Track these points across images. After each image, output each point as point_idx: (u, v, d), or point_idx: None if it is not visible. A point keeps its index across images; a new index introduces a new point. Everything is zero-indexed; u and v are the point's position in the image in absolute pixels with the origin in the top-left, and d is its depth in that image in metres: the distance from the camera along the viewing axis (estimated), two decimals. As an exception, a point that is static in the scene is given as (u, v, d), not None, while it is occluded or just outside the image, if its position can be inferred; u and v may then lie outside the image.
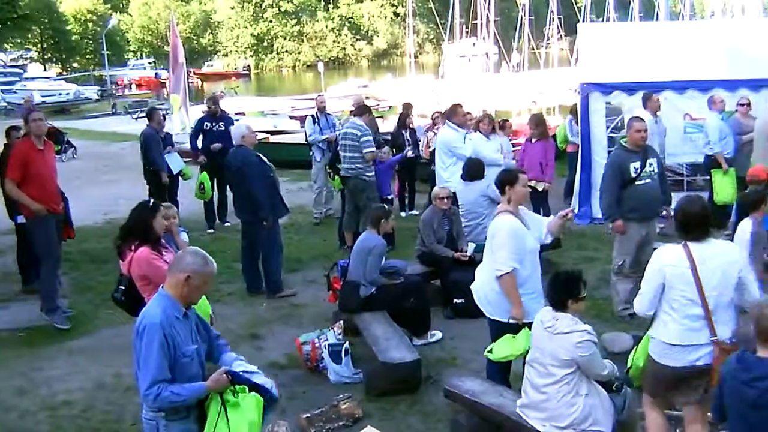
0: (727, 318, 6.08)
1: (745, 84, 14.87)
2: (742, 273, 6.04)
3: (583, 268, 10.62)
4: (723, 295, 6.01)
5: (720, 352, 5.97)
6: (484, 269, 7.65)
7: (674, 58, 15.25)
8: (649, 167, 9.75)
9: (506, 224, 7.35)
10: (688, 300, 6.05)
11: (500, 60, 55.81)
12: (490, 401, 7.04)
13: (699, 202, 6.37)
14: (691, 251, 6.06)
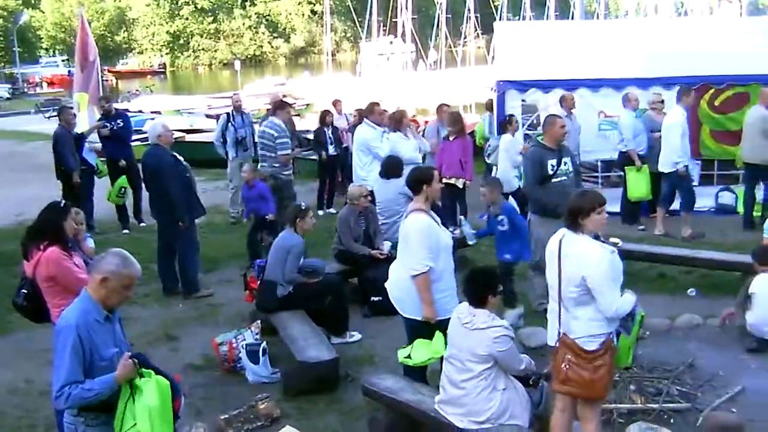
0: (584, 317, 6.11)
1: (658, 82, 15.16)
2: (589, 282, 5.99)
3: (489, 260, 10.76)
4: (570, 292, 6.10)
5: (561, 344, 6.15)
6: (398, 267, 7.68)
7: (589, 57, 15.50)
8: (564, 165, 9.86)
9: (420, 223, 7.38)
10: (552, 283, 6.28)
11: (417, 58, 56.08)
12: (408, 398, 7.06)
13: (576, 195, 6.54)
14: (563, 242, 6.22)
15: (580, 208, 6.20)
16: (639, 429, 7.06)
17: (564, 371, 6.14)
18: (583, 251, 6.10)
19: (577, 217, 6.18)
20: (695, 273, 11.74)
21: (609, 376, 6.32)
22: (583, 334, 6.12)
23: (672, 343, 9.50)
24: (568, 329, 6.17)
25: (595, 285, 5.99)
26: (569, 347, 6.12)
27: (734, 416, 7.61)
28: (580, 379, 6.11)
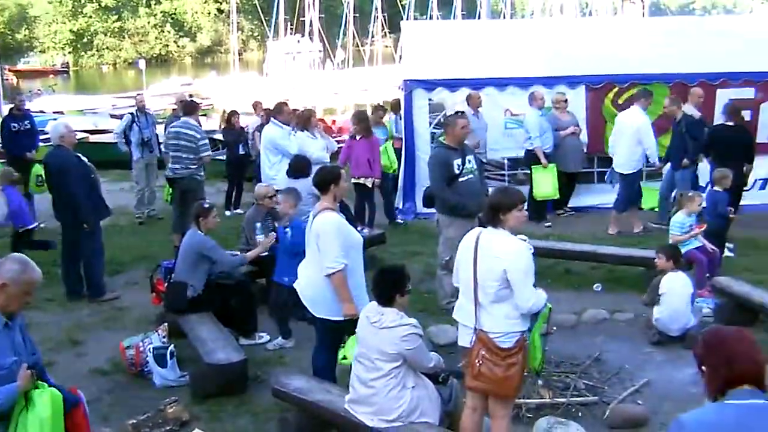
0: (500, 314, 6.19)
1: (563, 81, 15.40)
2: (509, 275, 6.09)
3: (408, 262, 10.80)
4: (488, 288, 6.16)
5: (477, 340, 6.19)
6: (308, 267, 7.62)
7: (495, 56, 15.67)
8: (468, 164, 9.90)
9: (331, 221, 7.34)
10: (466, 282, 6.31)
11: (325, 57, 56.01)
12: (317, 398, 7.02)
13: (499, 192, 6.64)
14: (480, 238, 6.27)
15: (501, 204, 6.28)
16: (547, 423, 7.12)
17: (477, 367, 6.17)
18: (503, 245, 6.19)
19: (498, 213, 6.26)
20: (600, 269, 11.94)
21: (521, 375, 6.38)
22: (499, 331, 6.18)
23: (579, 338, 9.65)
24: (485, 325, 6.21)
25: (514, 278, 6.09)
26: (485, 343, 6.17)
27: (640, 408, 7.76)
28: (492, 376, 6.16)
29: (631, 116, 13.93)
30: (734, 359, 3.58)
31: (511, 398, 6.54)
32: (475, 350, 6.21)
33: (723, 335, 3.74)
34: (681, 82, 15.19)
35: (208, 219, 9.62)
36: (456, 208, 9.95)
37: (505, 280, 6.10)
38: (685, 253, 10.74)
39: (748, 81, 15.06)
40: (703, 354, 3.68)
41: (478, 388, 6.31)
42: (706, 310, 10.15)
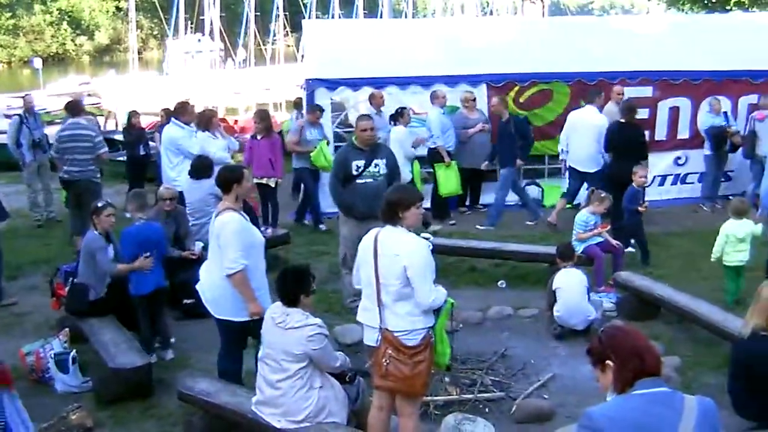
0: (404, 312, 6.21)
1: (465, 80, 15.49)
2: (410, 271, 6.11)
3: (313, 262, 10.77)
4: (390, 286, 6.18)
5: (383, 340, 6.19)
6: (210, 269, 7.52)
7: (397, 55, 15.69)
8: (374, 167, 9.85)
9: (232, 222, 7.26)
10: (368, 282, 6.30)
11: (226, 56, 55.48)
12: (224, 400, 6.96)
13: (393, 191, 6.62)
14: (379, 237, 6.27)
15: (399, 202, 6.28)
16: (455, 420, 7.15)
17: (385, 366, 6.17)
18: (403, 242, 6.21)
19: (396, 211, 6.25)
20: (505, 265, 12.06)
21: (428, 372, 6.42)
22: (404, 329, 6.19)
23: (484, 335, 9.74)
24: (390, 324, 6.20)
25: (414, 274, 6.09)
26: (390, 342, 6.17)
27: (546, 402, 7.88)
28: (400, 375, 6.17)
29: (590, 116, 14.08)
30: (643, 352, 3.69)
31: (419, 396, 6.56)
32: (381, 350, 6.20)
33: (626, 330, 3.87)
34: (580, 80, 15.46)
35: (101, 218, 9.33)
36: (344, 207, 10.07)
37: (406, 278, 6.11)
38: (585, 249, 10.93)
39: (645, 80, 15.38)
40: (609, 349, 3.75)
41: (387, 387, 6.30)
42: (609, 304, 10.34)
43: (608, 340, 3.78)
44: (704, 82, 15.71)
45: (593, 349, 3.85)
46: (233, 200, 7.45)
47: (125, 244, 8.91)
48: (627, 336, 3.77)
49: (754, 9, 29.27)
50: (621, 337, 3.77)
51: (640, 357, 3.66)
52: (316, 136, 14.36)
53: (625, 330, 3.86)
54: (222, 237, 7.23)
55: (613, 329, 3.90)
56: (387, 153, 10.24)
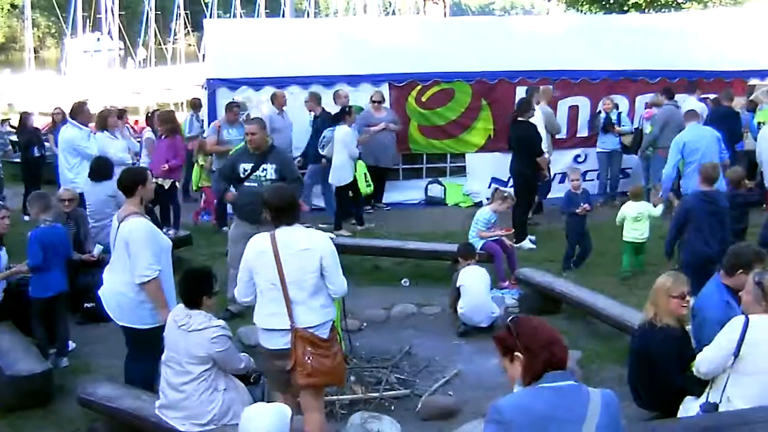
0: (317, 305, 6.25)
1: (367, 79, 15.53)
2: (325, 261, 6.19)
3: (215, 264, 10.63)
4: (305, 281, 6.18)
5: (297, 339, 6.16)
6: (114, 274, 7.33)
7: (300, 55, 15.62)
8: (261, 171, 9.72)
9: (142, 227, 7.12)
10: (271, 285, 6.21)
11: (126, 56, 54.67)
12: (127, 405, 6.83)
13: (285, 191, 6.64)
14: (277, 238, 6.23)
15: (280, 203, 6.33)
16: (361, 418, 7.16)
17: (309, 364, 6.14)
18: (310, 237, 6.29)
19: (286, 212, 6.28)
20: (407, 263, 12.12)
21: (343, 361, 6.54)
22: (319, 322, 6.22)
23: (389, 333, 9.77)
24: (303, 321, 6.17)
25: (329, 264, 6.19)
26: (307, 340, 6.15)
27: (451, 399, 7.94)
28: (324, 368, 6.19)
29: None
30: (552, 343, 3.74)
31: (323, 390, 6.64)
32: (299, 350, 6.14)
33: (535, 322, 3.91)
34: (482, 79, 15.65)
35: None
36: (235, 208, 10.26)
37: (320, 269, 6.16)
38: (484, 246, 11.07)
39: (545, 79, 15.59)
40: (519, 340, 3.77)
41: (314, 384, 6.28)
42: (511, 301, 10.49)
43: (518, 330, 3.79)
44: (602, 82, 16.05)
45: (502, 340, 3.86)
46: (137, 203, 7.31)
47: (32, 247, 8.66)
48: (537, 328, 3.80)
49: (650, 11, 29.91)
50: (531, 329, 3.79)
51: (549, 349, 3.70)
52: (235, 135, 13.80)
53: (534, 322, 3.89)
54: (133, 244, 7.06)
55: (522, 321, 3.92)
56: (280, 159, 10.02)
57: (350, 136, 13.96)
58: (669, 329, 6.56)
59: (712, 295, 6.86)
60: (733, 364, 5.77)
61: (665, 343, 6.54)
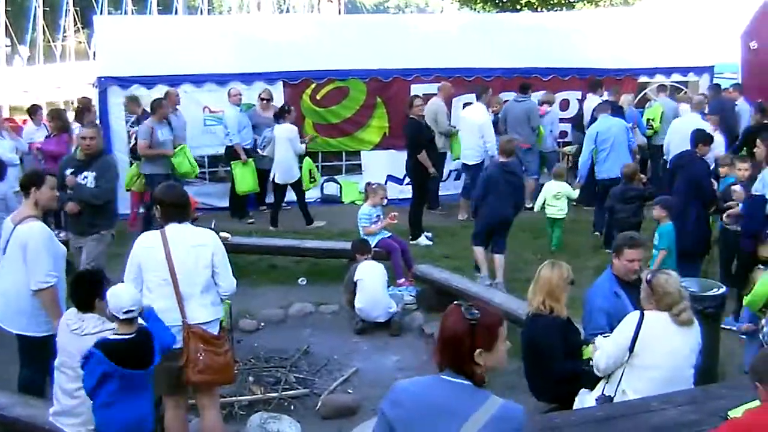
0: (208, 301, 6.29)
1: (261, 77, 15.43)
2: (216, 258, 6.26)
3: (111, 265, 10.41)
4: (197, 276, 6.20)
5: (189, 335, 6.15)
6: (5, 279, 7.13)
7: (193, 52, 15.42)
8: (82, 179, 9.37)
9: (41, 233, 6.96)
10: (162, 281, 6.19)
11: (12, 53, 53.25)
12: (18, 413, 6.65)
13: (178, 189, 6.67)
14: (167, 235, 6.22)
15: (174, 200, 6.38)
16: (260, 419, 7.13)
17: (201, 361, 6.13)
18: (201, 234, 6.38)
19: (178, 209, 6.33)
20: (304, 262, 12.09)
21: (232, 357, 6.60)
22: (210, 318, 6.25)
23: (287, 332, 9.76)
24: (195, 317, 6.17)
25: (220, 261, 6.27)
26: (200, 336, 6.15)
27: (350, 397, 7.97)
28: (216, 366, 6.21)
29: (475, 113, 14.50)
30: (459, 342, 3.67)
31: (217, 388, 6.64)
32: (191, 346, 6.12)
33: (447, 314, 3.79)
34: (376, 77, 15.71)
35: None
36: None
37: (212, 266, 6.21)
38: (379, 243, 11.10)
39: (439, 77, 15.69)
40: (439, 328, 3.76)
41: (205, 381, 6.27)
42: (409, 297, 10.54)
43: (442, 320, 3.75)
44: (496, 79, 16.24)
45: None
46: (32, 206, 7.14)
47: None
48: (447, 320, 3.72)
49: (542, 10, 30.38)
50: (446, 320, 3.72)
51: (455, 345, 3.65)
52: (167, 136, 13.29)
53: (448, 314, 3.75)
54: (30, 250, 6.88)
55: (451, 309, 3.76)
56: (101, 168, 9.47)
57: (294, 133, 14.01)
58: (553, 318, 6.70)
59: (603, 285, 7.05)
60: (628, 358, 5.90)
61: (550, 331, 6.68)
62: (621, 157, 12.93)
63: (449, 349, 3.65)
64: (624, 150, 13.31)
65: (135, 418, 5.79)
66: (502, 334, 3.70)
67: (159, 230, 6.29)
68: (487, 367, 3.65)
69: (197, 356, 6.13)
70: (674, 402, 5.48)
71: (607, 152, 13.25)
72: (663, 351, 5.88)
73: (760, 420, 4.27)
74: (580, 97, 16.67)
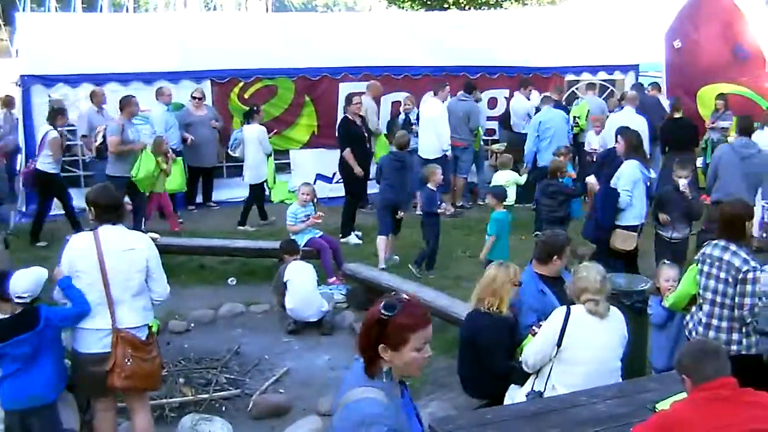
0: (140, 306, 6.22)
1: (188, 76, 15.29)
2: (150, 263, 6.20)
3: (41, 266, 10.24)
4: (129, 281, 6.12)
5: (118, 339, 6.07)
6: None
7: (119, 51, 15.22)
8: None
9: None
10: (93, 284, 6.09)
11: (-69, 51, 52.10)
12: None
13: (111, 191, 6.57)
14: (100, 237, 6.13)
15: (108, 202, 6.25)
16: (191, 421, 7.08)
17: (128, 367, 6.06)
18: (134, 237, 6.29)
19: (114, 210, 6.22)
20: (234, 262, 12.02)
21: (160, 364, 6.50)
22: (141, 323, 6.19)
23: (217, 333, 9.70)
24: (125, 322, 6.10)
25: (155, 265, 6.21)
26: (129, 341, 6.08)
27: (282, 397, 7.96)
28: (142, 372, 6.15)
29: (430, 108, 14.71)
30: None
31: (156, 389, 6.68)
32: (119, 350, 6.05)
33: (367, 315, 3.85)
34: (304, 76, 15.67)
35: None
36: None
37: (145, 271, 6.14)
38: (309, 242, 11.08)
39: (367, 75, 15.73)
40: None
41: (131, 387, 6.21)
42: (339, 296, 10.54)
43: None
44: (424, 78, 16.31)
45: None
46: None
47: None
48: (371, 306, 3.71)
49: (470, 8, 30.56)
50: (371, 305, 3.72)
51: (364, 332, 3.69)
52: (135, 134, 13.05)
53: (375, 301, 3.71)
54: None
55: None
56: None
57: (263, 134, 14.06)
58: (499, 317, 6.77)
59: (529, 285, 7.16)
60: (556, 354, 5.98)
61: (495, 330, 6.76)
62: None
63: (361, 333, 3.70)
64: (564, 140, 14.33)
65: (34, 389, 5.99)
66: (413, 340, 3.58)
67: (92, 232, 6.18)
68: (394, 365, 3.61)
69: (124, 361, 6.06)
70: (603, 396, 5.57)
71: (549, 141, 14.26)
72: (590, 345, 5.98)
73: (688, 412, 4.35)
74: (508, 95, 16.83)
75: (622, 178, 9.99)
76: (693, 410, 4.34)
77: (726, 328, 6.49)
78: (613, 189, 10.04)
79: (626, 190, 9.92)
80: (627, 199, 9.92)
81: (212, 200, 15.76)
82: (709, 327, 6.55)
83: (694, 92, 16.36)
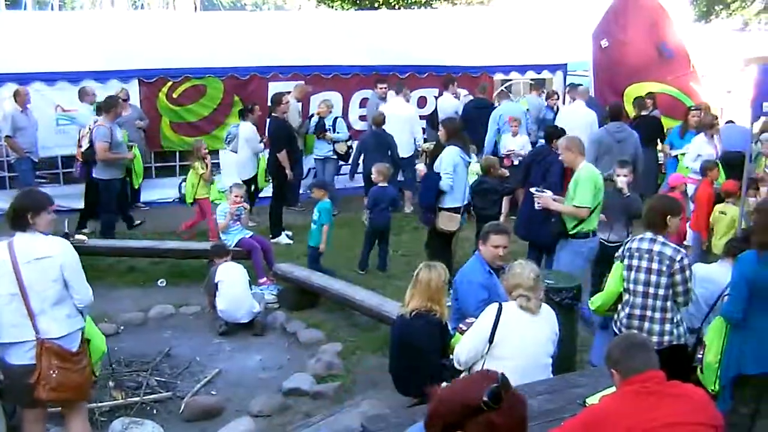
0: (63, 315, 6.05)
1: (115, 75, 15.05)
2: (66, 271, 6.01)
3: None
4: (45, 290, 5.95)
5: (43, 350, 5.94)
6: None
7: (43, 50, 14.94)
8: None
9: None
10: (11, 295, 5.91)
11: None
12: None
13: (22, 194, 6.39)
14: (15, 246, 5.96)
15: (29, 207, 6.04)
16: (122, 425, 7.01)
17: (54, 378, 5.93)
18: (48, 244, 6.03)
19: (26, 216, 5.98)
20: (164, 263, 11.90)
21: (91, 374, 6.35)
22: (65, 332, 6.02)
23: (147, 335, 9.60)
24: (48, 331, 5.95)
25: (72, 272, 6.02)
26: (54, 352, 5.94)
27: (214, 398, 7.91)
28: (70, 383, 6.02)
29: (399, 108, 15.06)
30: None
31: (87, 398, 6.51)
32: (44, 362, 5.91)
33: None
34: (234, 75, 15.54)
35: None
36: None
37: (63, 278, 5.97)
38: (239, 242, 11.04)
39: (297, 74, 15.70)
40: None
41: (58, 399, 6.10)
42: (270, 296, 10.52)
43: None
44: (354, 77, 16.34)
45: None
46: None
47: None
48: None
49: (400, 8, 30.64)
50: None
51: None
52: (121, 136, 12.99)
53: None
54: None
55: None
56: None
57: (253, 133, 13.90)
58: (432, 317, 6.82)
59: (474, 265, 7.41)
60: (488, 350, 6.02)
61: (429, 330, 6.81)
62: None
63: (436, 410, 3.09)
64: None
65: None
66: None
67: (8, 242, 5.99)
68: None
69: (50, 373, 5.92)
70: (533, 391, 5.60)
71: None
72: (520, 341, 6.04)
73: (616, 405, 4.41)
74: (438, 94, 16.89)
75: (443, 162, 10.57)
76: (621, 403, 4.40)
77: (659, 318, 6.63)
78: (434, 173, 10.67)
79: (447, 174, 10.45)
80: (449, 182, 10.46)
81: (140, 201, 15.53)
82: (643, 319, 6.68)
83: (621, 91, 16.55)
